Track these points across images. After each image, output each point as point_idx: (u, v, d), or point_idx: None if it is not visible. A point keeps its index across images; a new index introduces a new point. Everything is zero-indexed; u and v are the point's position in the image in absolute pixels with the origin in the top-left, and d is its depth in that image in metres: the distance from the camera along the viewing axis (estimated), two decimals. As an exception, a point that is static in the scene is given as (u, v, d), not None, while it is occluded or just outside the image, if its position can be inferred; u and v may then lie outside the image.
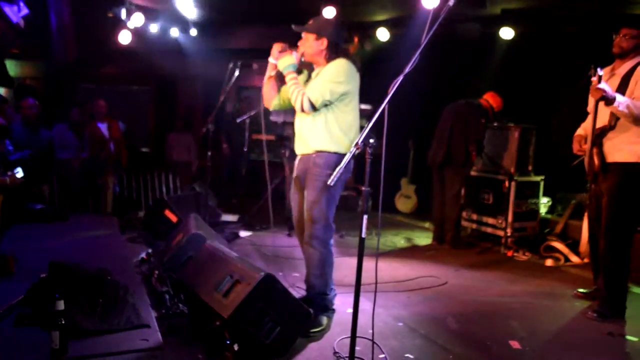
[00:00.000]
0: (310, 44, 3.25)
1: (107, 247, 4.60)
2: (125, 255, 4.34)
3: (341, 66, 3.17)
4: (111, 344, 2.53)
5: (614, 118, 3.44)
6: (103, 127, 6.69)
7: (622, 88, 3.46)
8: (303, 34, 3.29)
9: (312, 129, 3.25)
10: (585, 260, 5.04)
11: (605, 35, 3.80)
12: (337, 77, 3.15)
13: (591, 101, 3.71)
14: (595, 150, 3.52)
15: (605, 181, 3.56)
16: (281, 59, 3.26)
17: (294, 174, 3.45)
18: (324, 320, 3.25)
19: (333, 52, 3.24)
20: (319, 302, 3.31)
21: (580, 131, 3.86)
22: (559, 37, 6.40)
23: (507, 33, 6.58)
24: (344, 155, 3.04)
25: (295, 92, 3.19)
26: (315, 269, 3.30)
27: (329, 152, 3.21)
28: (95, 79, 8.63)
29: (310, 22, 3.29)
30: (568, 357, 3.07)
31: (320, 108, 3.19)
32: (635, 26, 3.48)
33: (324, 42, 3.23)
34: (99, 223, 5.63)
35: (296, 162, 3.44)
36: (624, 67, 3.53)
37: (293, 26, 3.30)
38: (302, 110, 3.18)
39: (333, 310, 3.42)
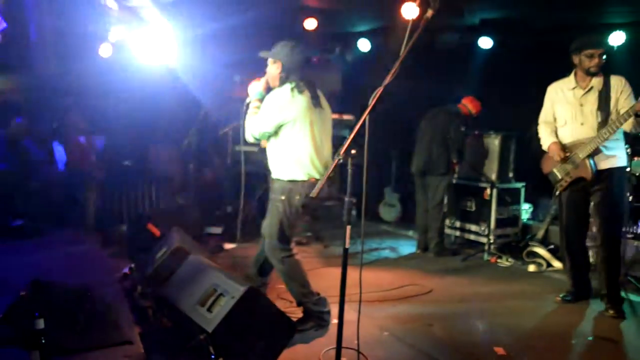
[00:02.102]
0: (270, 68, 3.35)
1: (88, 262, 4.55)
2: (107, 270, 4.30)
3: (275, 97, 3.24)
4: (93, 362, 2.50)
5: (600, 128, 3.72)
6: (82, 140, 6.65)
7: (602, 102, 3.75)
8: (269, 62, 3.37)
9: (270, 156, 3.40)
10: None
11: None
12: (271, 109, 3.22)
13: (574, 111, 3.89)
14: (587, 160, 3.76)
15: (598, 185, 3.80)
16: (250, 87, 3.40)
17: None
18: (309, 324, 3.37)
19: (285, 77, 3.29)
20: (304, 306, 3.42)
21: (553, 139, 3.99)
22: (537, 46, 6.51)
23: (485, 42, 6.69)
24: (300, 181, 3.24)
25: (246, 123, 3.34)
26: (284, 282, 3.46)
27: (282, 180, 3.32)
28: (75, 92, 8.53)
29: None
30: (552, 362, 3.10)
31: (263, 138, 3.32)
32: (601, 45, 3.85)
33: (279, 66, 3.29)
34: (80, 238, 5.57)
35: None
36: (597, 83, 3.83)
37: (260, 53, 3.40)
38: (250, 141, 3.36)
39: (320, 318, 3.41)
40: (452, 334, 3.42)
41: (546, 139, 4.04)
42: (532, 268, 5.13)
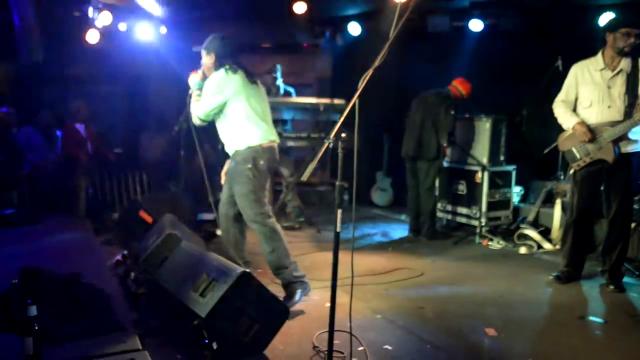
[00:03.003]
0: (204, 59, 3.66)
1: (81, 250, 4.54)
2: (99, 257, 4.30)
3: (213, 79, 3.56)
4: (87, 348, 2.50)
5: (627, 112, 3.77)
6: (80, 128, 6.60)
7: (630, 85, 3.76)
8: (203, 54, 3.65)
9: (222, 134, 3.70)
10: (557, 246, 5.16)
11: (572, 27, 3.95)
12: (211, 90, 3.55)
13: (601, 93, 3.88)
14: (613, 143, 3.80)
15: (617, 168, 3.86)
16: (189, 79, 3.68)
17: (224, 171, 3.83)
18: (297, 293, 3.53)
19: (219, 65, 3.58)
20: (282, 277, 3.57)
21: (577, 119, 3.96)
22: (527, 28, 6.50)
23: (476, 25, 6.67)
24: (256, 146, 3.55)
25: (191, 109, 3.66)
26: (266, 247, 3.60)
27: (242, 150, 3.59)
28: (63, 80, 8.44)
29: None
30: (541, 341, 3.15)
31: (210, 118, 3.63)
32: (638, 25, 3.81)
33: (212, 57, 3.62)
34: (72, 226, 5.55)
35: (229, 160, 3.79)
36: (625, 65, 3.82)
37: (193, 47, 3.77)
38: (197, 124, 3.65)
39: (302, 282, 3.58)
40: (443, 316, 3.46)
41: (569, 118, 4.00)
42: (523, 250, 5.17)
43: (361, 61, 3.10)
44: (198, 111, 3.60)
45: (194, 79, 3.69)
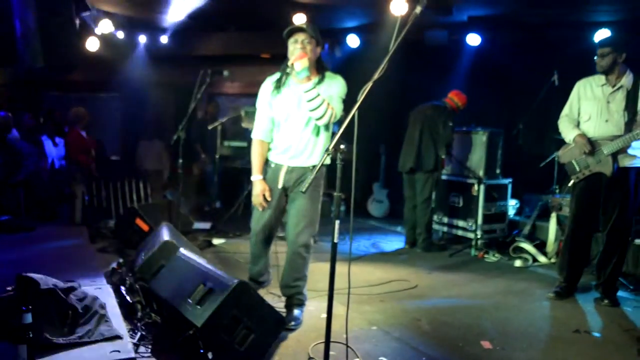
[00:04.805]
0: (313, 49, 3.18)
1: (76, 257, 4.52)
2: (95, 265, 4.27)
3: (342, 84, 3.27)
4: (82, 357, 2.49)
5: (627, 128, 3.80)
6: (84, 134, 6.62)
7: (630, 102, 3.78)
8: (307, 37, 3.17)
9: (313, 144, 3.31)
10: (552, 260, 5.18)
11: (568, 42, 4.00)
12: (342, 94, 3.25)
13: (600, 107, 3.92)
14: (612, 157, 3.82)
15: (615, 182, 3.87)
16: (300, 62, 3.08)
17: (279, 184, 3.36)
18: (300, 315, 3.42)
19: (323, 69, 3.28)
20: (297, 299, 3.46)
21: (578, 131, 3.99)
22: (524, 43, 6.57)
23: (473, 39, 6.74)
24: (326, 167, 3.20)
25: (324, 102, 3.14)
26: (300, 273, 3.42)
27: (322, 165, 3.22)
28: (62, 87, 8.46)
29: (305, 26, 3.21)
30: (537, 354, 3.15)
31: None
32: (603, 44, 3.87)
33: (318, 50, 3.24)
34: (68, 233, 5.53)
35: (282, 172, 3.36)
36: (627, 82, 3.85)
37: (304, 25, 3.23)
38: (325, 122, 3.21)
39: (304, 304, 3.54)
40: (439, 328, 3.46)
41: (570, 131, 4.04)
42: (518, 263, 5.19)
43: (359, 73, 3.13)
44: (338, 111, 3.22)
45: (304, 63, 3.07)
